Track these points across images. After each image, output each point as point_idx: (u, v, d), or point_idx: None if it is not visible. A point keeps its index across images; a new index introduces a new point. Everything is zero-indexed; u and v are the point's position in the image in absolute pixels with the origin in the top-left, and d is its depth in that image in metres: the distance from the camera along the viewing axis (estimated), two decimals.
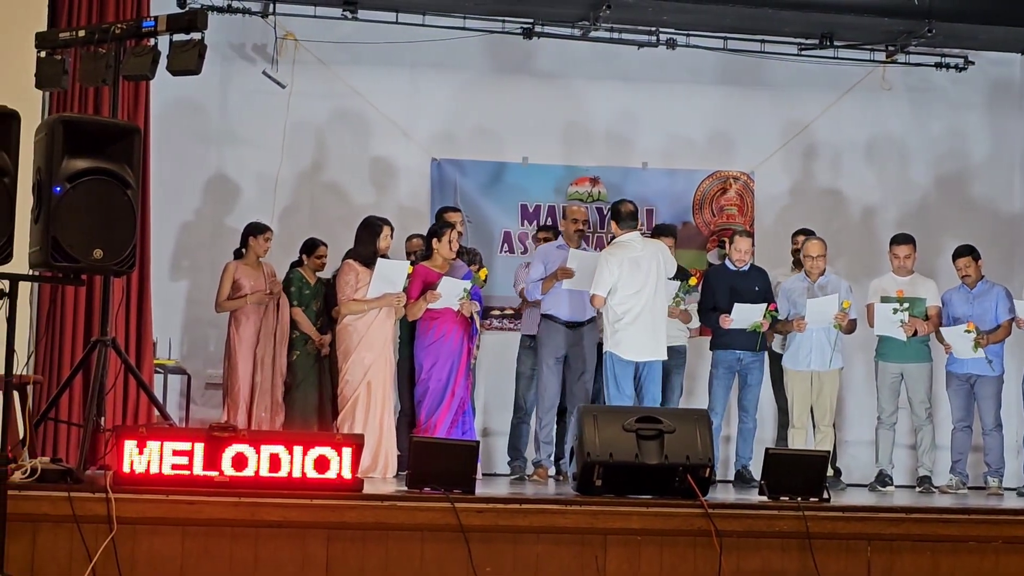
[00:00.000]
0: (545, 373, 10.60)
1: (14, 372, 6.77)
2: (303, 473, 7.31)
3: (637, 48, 12.44)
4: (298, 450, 7.32)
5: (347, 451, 7.38)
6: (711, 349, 11.00)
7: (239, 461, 7.25)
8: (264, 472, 7.27)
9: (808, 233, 11.23)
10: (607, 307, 10.04)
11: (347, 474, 7.37)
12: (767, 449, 8.28)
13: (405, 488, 7.70)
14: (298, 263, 10.95)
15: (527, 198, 12.57)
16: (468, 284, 10.20)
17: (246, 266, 10.66)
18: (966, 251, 10.84)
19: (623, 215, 10.23)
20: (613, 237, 10.36)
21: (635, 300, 10.01)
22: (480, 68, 12.52)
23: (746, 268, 10.92)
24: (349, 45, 12.03)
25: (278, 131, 12.03)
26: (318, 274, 10.94)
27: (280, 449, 7.30)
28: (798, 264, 11.15)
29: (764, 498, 7.90)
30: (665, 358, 10.20)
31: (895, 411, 10.84)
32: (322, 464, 7.33)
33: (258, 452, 7.28)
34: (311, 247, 10.93)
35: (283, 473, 7.29)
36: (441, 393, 10.18)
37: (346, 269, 10.18)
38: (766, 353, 10.98)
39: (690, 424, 7.93)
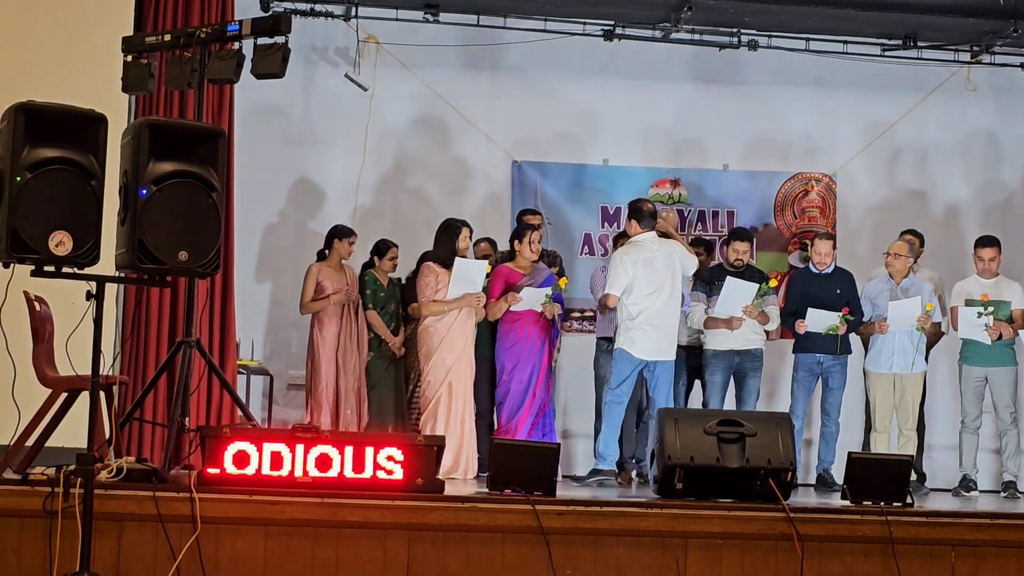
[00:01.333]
0: None
1: (100, 373, 6.85)
2: (385, 474, 7.34)
3: (718, 50, 12.39)
4: (380, 451, 7.36)
5: (429, 453, 7.41)
6: (793, 352, 10.92)
7: (322, 462, 7.29)
8: (346, 473, 7.31)
9: (914, 234, 11.15)
10: (621, 306, 10.02)
11: (428, 476, 7.40)
12: (850, 453, 8.20)
13: (486, 490, 7.72)
14: (369, 264, 11.00)
15: (608, 200, 12.56)
16: (549, 291, 10.22)
17: (329, 268, 10.73)
18: None
19: (645, 214, 10.16)
20: (625, 235, 10.37)
21: (650, 301, 9.96)
22: (561, 70, 12.50)
23: (829, 271, 10.82)
24: (430, 48, 12.07)
25: (360, 134, 12.12)
26: (390, 275, 10.98)
27: (362, 450, 7.34)
28: None
29: (847, 502, 7.85)
30: (674, 358, 10.14)
31: (979, 415, 10.70)
32: (404, 465, 7.36)
33: (341, 453, 7.32)
34: (382, 249, 10.97)
35: (365, 474, 7.32)
36: (522, 395, 10.19)
37: (425, 271, 10.22)
38: (848, 356, 10.87)
39: (772, 427, 7.88)
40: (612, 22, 12.15)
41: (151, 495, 7.08)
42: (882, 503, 7.75)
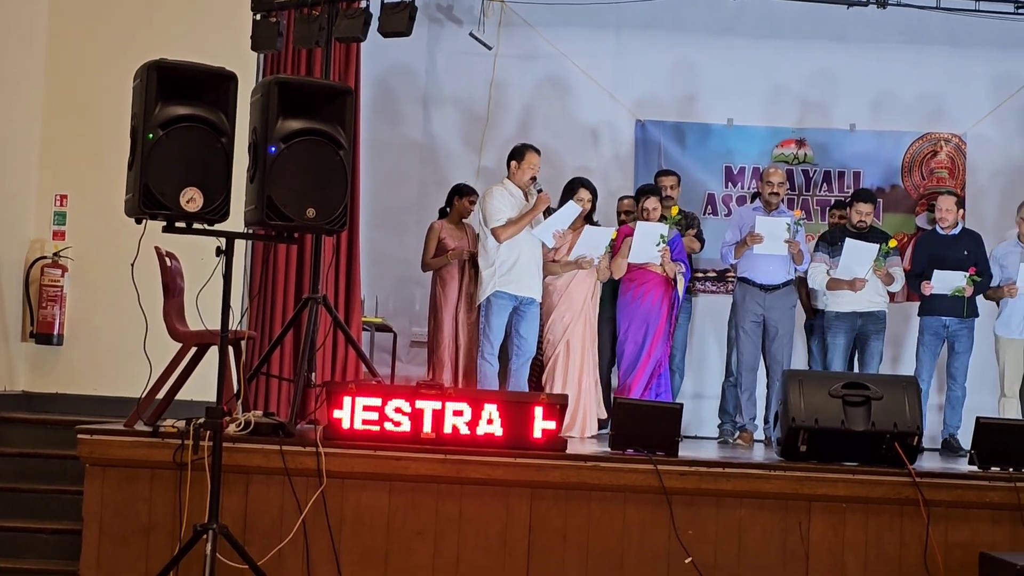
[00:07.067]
0: (742, 337, 10.51)
1: (229, 328, 6.95)
2: (508, 431, 7.39)
3: (846, 7, 12.16)
4: (503, 408, 7.40)
5: (552, 411, 7.43)
6: (919, 315, 10.78)
7: (446, 419, 7.35)
8: (470, 430, 7.37)
9: None
10: (497, 248, 9.96)
11: (551, 434, 7.43)
12: (978, 418, 8.08)
13: (607, 449, 7.73)
14: None
15: (732, 160, 12.44)
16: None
17: (450, 226, 10.76)
18: None
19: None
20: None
21: (523, 240, 9.97)
22: (686, 29, 12.38)
23: (956, 232, 10.65)
24: (555, 6, 12.01)
25: (484, 92, 12.13)
26: None
27: (486, 407, 7.39)
28: None
29: (974, 468, 7.75)
30: (538, 299, 10.07)
31: None
32: (527, 423, 7.40)
33: (465, 410, 7.37)
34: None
35: (489, 431, 7.38)
36: (636, 354, 10.19)
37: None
38: (975, 320, 10.70)
39: (898, 391, 7.80)
40: None
41: (278, 449, 7.20)
42: (1011, 469, 7.64)
